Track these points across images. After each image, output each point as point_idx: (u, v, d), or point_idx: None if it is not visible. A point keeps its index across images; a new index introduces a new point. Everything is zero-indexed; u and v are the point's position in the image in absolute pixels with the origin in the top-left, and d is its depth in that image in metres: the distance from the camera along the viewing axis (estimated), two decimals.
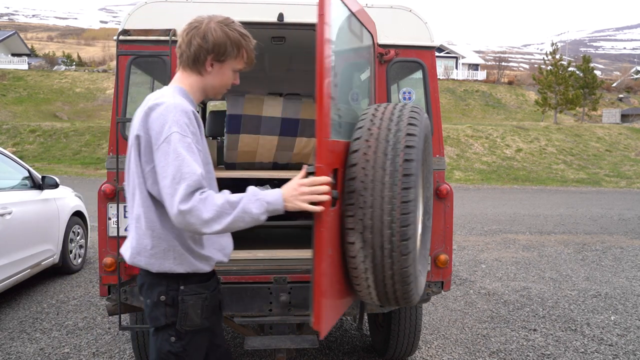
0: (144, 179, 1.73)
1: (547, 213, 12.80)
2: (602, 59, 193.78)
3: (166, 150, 1.63)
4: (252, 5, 2.84)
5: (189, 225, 1.61)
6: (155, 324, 1.84)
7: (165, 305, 1.81)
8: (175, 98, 1.72)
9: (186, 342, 1.83)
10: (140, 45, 2.77)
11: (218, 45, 1.77)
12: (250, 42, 1.83)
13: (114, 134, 2.76)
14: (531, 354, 3.94)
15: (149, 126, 1.68)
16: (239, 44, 1.80)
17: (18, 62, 44.51)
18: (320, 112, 1.70)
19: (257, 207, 1.65)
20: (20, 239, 4.85)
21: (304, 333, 2.94)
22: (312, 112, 3.75)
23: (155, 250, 1.77)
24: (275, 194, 1.68)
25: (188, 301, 1.81)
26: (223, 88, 1.87)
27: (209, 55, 1.78)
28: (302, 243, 3.83)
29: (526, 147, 26.75)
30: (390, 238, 1.87)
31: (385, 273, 1.92)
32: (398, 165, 1.88)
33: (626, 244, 8.75)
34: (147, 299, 1.86)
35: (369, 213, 1.86)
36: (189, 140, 1.66)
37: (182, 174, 1.61)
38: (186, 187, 1.59)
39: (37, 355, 3.78)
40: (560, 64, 35.40)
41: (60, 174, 18.99)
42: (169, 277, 1.80)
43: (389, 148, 1.91)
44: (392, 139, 1.92)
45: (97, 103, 36.64)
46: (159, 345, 1.84)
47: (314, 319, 1.75)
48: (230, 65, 1.82)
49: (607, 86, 53.03)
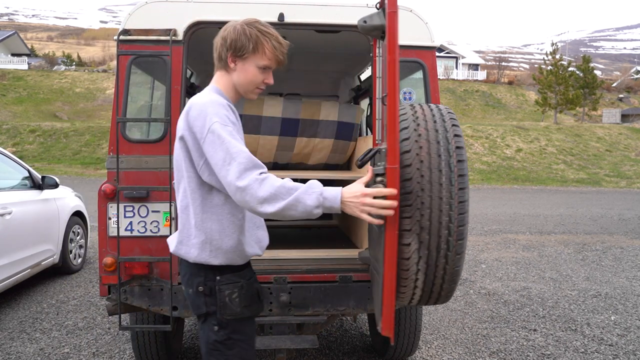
0: (197, 173, 1.83)
1: (547, 213, 12.80)
2: (602, 59, 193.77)
3: (212, 140, 1.73)
4: (252, 5, 2.84)
5: (246, 203, 1.69)
6: (198, 312, 1.93)
7: (205, 296, 1.90)
8: (211, 95, 1.85)
9: (230, 331, 1.91)
10: (140, 45, 2.77)
11: (234, 41, 1.87)
12: (272, 39, 1.88)
13: (114, 133, 2.76)
14: (531, 354, 3.94)
15: (192, 124, 1.79)
16: (257, 40, 1.86)
17: (18, 62, 44.50)
18: (392, 113, 1.70)
19: (312, 200, 1.69)
20: (20, 239, 4.85)
21: (304, 333, 2.94)
22: (312, 112, 3.76)
23: (195, 241, 1.86)
24: (335, 192, 1.72)
25: (225, 290, 1.89)
26: (251, 85, 1.92)
27: (228, 53, 1.88)
28: (302, 243, 3.83)
29: (526, 147, 26.75)
30: (447, 238, 1.90)
31: (437, 273, 1.95)
32: (453, 166, 1.92)
33: (626, 244, 8.75)
34: (188, 289, 1.95)
35: (427, 214, 1.88)
36: (230, 129, 1.76)
37: (231, 154, 1.70)
38: (237, 165, 1.69)
39: (37, 355, 3.78)
40: (560, 64, 35.40)
41: (60, 174, 18.99)
42: (206, 268, 1.89)
43: (441, 149, 1.95)
44: (442, 140, 1.97)
45: (97, 103, 36.63)
46: (206, 336, 1.93)
47: (384, 325, 1.74)
48: (253, 61, 1.88)
49: (607, 86, 53.02)
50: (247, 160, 1.70)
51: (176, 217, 1.97)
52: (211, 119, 1.75)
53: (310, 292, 2.79)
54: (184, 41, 2.78)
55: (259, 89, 1.96)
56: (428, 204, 1.88)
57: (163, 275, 2.78)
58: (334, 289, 2.83)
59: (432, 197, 1.89)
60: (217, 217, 1.85)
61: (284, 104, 3.66)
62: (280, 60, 1.91)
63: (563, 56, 38.53)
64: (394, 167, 1.70)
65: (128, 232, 2.76)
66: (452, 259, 1.93)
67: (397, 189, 1.71)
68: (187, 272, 1.95)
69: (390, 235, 1.71)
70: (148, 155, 2.76)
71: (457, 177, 1.90)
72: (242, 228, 1.91)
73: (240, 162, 1.69)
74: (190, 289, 1.93)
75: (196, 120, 1.78)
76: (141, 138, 2.94)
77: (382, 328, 1.76)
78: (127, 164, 2.76)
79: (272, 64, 1.90)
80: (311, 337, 2.86)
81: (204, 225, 1.85)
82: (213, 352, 1.91)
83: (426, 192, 1.89)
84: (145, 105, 3.62)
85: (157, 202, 2.76)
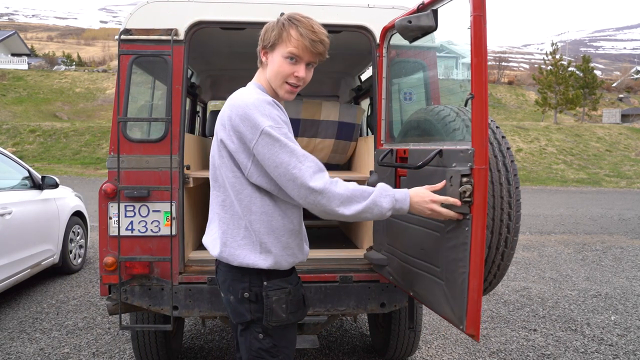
0: (243, 174, 1.75)
1: (547, 213, 12.80)
2: (602, 59, 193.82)
3: (268, 142, 1.66)
4: (253, 5, 2.84)
5: (320, 206, 1.65)
6: (240, 320, 1.84)
7: (250, 302, 1.81)
8: (256, 93, 1.76)
9: (275, 338, 1.83)
10: (141, 45, 2.77)
11: (264, 34, 1.80)
12: (301, 25, 1.74)
13: (115, 133, 2.76)
14: (531, 354, 3.94)
15: (236, 124, 1.70)
16: (282, 27, 1.76)
17: (18, 62, 44.46)
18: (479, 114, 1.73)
19: (387, 203, 1.69)
20: (20, 239, 4.85)
21: (304, 333, 2.94)
22: (313, 112, 3.76)
23: (243, 242, 1.78)
24: (404, 194, 1.73)
25: (272, 296, 1.80)
26: (278, 78, 1.78)
27: (260, 46, 1.82)
28: None
29: (526, 147, 26.75)
30: (505, 236, 1.95)
31: (492, 270, 2.01)
32: (509, 167, 1.97)
33: (626, 244, 8.76)
34: (230, 296, 1.85)
35: (490, 213, 1.92)
36: (285, 130, 1.70)
37: (298, 157, 1.65)
38: (307, 168, 1.64)
39: (37, 355, 3.78)
40: (560, 64, 35.38)
41: (60, 174, 18.99)
42: (251, 273, 1.80)
43: (496, 150, 1.99)
44: (495, 141, 2.02)
45: (97, 103, 36.61)
46: (248, 344, 1.84)
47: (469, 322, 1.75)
48: (279, 51, 1.76)
49: (607, 86, 53.02)
50: (315, 162, 1.66)
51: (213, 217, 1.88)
52: (263, 121, 1.66)
53: (311, 292, 2.79)
54: (185, 41, 2.78)
55: (290, 86, 1.79)
56: (492, 204, 1.93)
57: (163, 275, 2.77)
58: (334, 289, 2.82)
59: (494, 196, 1.94)
60: (267, 218, 1.77)
61: (285, 104, 3.66)
62: (310, 49, 1.73)
63: (563, 56, 38.53)
64: (482, 167, 1.72)
65: (129, 232, 2.76)
66: (507, 255, 2.00)
67: (485, 188, 1.73)
68: (228, 277, 1.85)
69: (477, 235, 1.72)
70: (149, 155, 2.76)
71: (514, 176, 1.97)
72: (292, 232, 1.84)
73: (310, 166, 1.64)
74: (232, 295, 1.83)
75: (244, 121, 1.68)
76: (142, 138, 2.93)
77: (467, 326, 1.76)
78: (127, 163, 2.76)
79: (299, 52, 1.74)
80: (311, 337, 2.86)
81: (253, 227, 1.77)
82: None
83: (489, 192, 1.94)
84: (146, 105, 3.62)
85: (158, 202, 2.76)
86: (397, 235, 2.52)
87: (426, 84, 3.07)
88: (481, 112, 1.73)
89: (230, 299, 1.85)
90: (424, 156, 2.09)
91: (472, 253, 1.73)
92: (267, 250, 1.78)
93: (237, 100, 1.74)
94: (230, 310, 1.87)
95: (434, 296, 2.08)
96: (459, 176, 1.79)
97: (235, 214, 1.78)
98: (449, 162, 1.92)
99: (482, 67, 1.72)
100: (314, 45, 1.73)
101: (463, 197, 1.76)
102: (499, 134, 2.06)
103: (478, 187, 1.72)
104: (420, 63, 3.09)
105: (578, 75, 37.21)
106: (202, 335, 4.21)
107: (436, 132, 2.32)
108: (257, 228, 1.77)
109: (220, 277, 1.90)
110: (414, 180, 2.29)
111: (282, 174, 1.66)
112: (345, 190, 1.65)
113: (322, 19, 2.86)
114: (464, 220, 1.79)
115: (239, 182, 1.76)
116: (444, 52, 50.68)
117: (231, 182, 1.77)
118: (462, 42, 9.38)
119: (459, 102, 2.21)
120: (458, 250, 1.84)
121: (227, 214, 1.80)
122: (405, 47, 2.89)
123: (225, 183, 1.79)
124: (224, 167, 1.78)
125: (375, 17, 2.86)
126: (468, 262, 1.76)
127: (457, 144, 1.98)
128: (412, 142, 2.45)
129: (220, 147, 1.77)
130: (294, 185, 1.65)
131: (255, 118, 1.67)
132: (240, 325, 1.86)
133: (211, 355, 3.80)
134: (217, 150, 1.80)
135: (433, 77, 3.05)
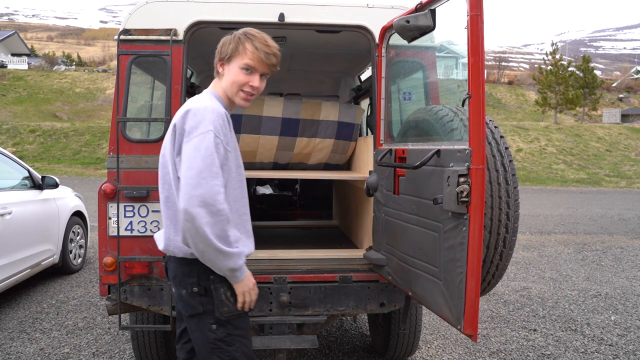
0: (176, 167, 1.86)
1: (547, 213, 12.79)
2: (602, 59, 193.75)
3: (198, 145, 1.75)
4: (252, 5, 2.84)
5: (185, 222, 1.72)
6: (192, 312, 1.92)
7: (200, 296, 1.90)
8: (212, 101, 1.88)
9: (228, 328, 1.92)
10: (141, 45, 2.77)
11: (221, 47, 1.94)
12: (256, 40, 1.89)
13: (114, 133, 2.76)
14: (531, 354, 3.94)
15: (186, 121, 1.81)
16: (238, 41, 1.89)
17: (18, 62, 44.45)
18: (477, 114, 1.74)
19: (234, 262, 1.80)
20: (20, 239, 4.85)
21: (304, 333, 2.94)
22: (312, 112, 3.76)
23: None
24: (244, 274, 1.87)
25: (220, 288, 1.88)
26: (234, 86, 1.92)
27: (217, 58, 1.96)
28: (302, 243, 3.83)
29: (526, 147, 26.74)
30: (504, 235, 1.94)
31: (490, 270, 2.00)
32: (507, 166, 1.96)
33: (626, 244, 8.75)
34: (181, 290, 1.93)
35: (488, 213, 1.91)
36: (219, 141, 1.78)
37: (211, 172, 1.74)
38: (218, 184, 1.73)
39: (37, 355, 3.78)
40: (560, 64, 35.36)
41: (60, 174, 18.98)
42: (198, 268, 1.87)
43: (494, 150, 1.98)
44: (493, 141, 2.01)
45: (97, 103, 36.61)
46: (204, 337, 1.92)
47: (467, 323, 1.75)
48: (235, 62, 1.91)
49: (607, 86, 52.99)
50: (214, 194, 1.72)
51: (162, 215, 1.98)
52: (206, 126, 1.77)
53: (310, 292, 2.79)
54: (184, 41, 2.78)
55: (245, 93, 1.94)
56: (490, 204, 1.92)
57: (163, 275, 2.77)
58: (334, 289, 2.82)
59: (493, 196, 1.93)
60: None
61: (284, 104, 3.66)
62: (264, 61, 1.90)
63: (563, 56, 38.50)
64: (479, 167, 1.71)
65: (128, 232, 2.76)
66: (505, 255, 1.99)
67: (483, 188, 1.73)
68: (178, 273, 1.94)
69: (475, 235, 1.73)
70: (148, 155, 2.76)
71: (512, 176, 1.96)
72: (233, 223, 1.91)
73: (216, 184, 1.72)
74: (184, 289, 1.92)
75: (191, 120, 1.80)
76: (141, 138, 2.93)
77: (465, 326, 1.76)
78: (127, 163, 2.76)
79: (254, 64, 1.89)
80: (311, 337, 2.86)
81: None
82: (215, 351, 1.90)
83: (488, 192, 1.93)
84: (146, 105, 3.62)
85: (158, 202, 2.74)
86: (396, 235, 2.52)
87: (425, 84, 3.07)
88: (478, 112, 1.73)
89: (182, 293, 1.93)
90: (422, 156, 2.09)
91: (470, 253, 1.73)
92: None
93: (194, 103, 1.86)
94: (182, 304, 1.96)
95: (432, 296, 2.08)
96: (456, 176, 1.78)
97: (177, 209, 1.84)
98: (446, 162, 1.92)
99: (479, 66, 1.72)
100: (268, 58, 1.90)
101: (460, 197, 1.76)
102: (497, 133, 2.06)
103: (475, 186, 1.72)
104: (420, 63, 3.08)
105: (578, 75, 37.18)
106: None
107: (435, 132, 2.32)
108: None
109: (171, 274, 1.98)
110: (412, 179, 2.29)
111: (185, 173, 1.75)
112: (221, 231, 1.73)
113: (321, 18, 2.88)
114: (461, 220, 1.79)
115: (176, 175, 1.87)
116: (443, 52, 50.73)
117: (175, 177, 1.87)
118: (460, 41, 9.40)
119: (457, 102, 2.21)
120: (456, 250, 1.84)
121: (170, 210, 1.91)
122: (404, 47, 2.89)
123: (170, 179, 1.89)
124: (170, 163, 1.88)
125: (374, 17, 2.85)
126: (466, 262, 1.75)
127: (455, 143, 1.97)
128: (411, 142, 2.45)
129: (171, 144, 1.87)
130: (188, 189, 1.73)
131: (202, 121, 1.78)
132: (193, 318, 1.93)
133: None
134: (168, 148, 1.89)
135: (432, 77, 3.05)
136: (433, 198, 1.97)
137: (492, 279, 2.07)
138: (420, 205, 2.19)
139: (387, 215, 2.65)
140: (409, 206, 2.33)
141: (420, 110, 2.62)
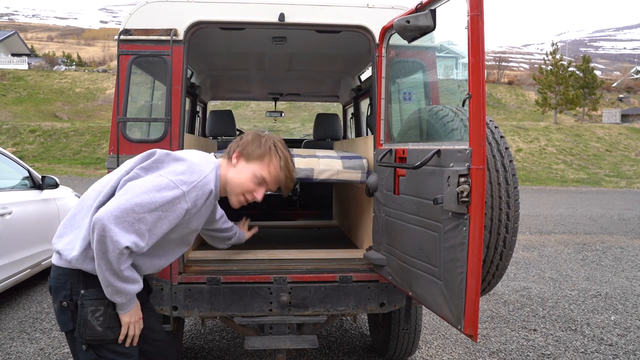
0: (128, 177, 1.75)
1: (547, 213, 12.80)
2: (602, 59, 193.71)
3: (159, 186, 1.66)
4: (252, 5, 2.84)
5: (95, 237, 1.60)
6: (64, 329, 1.77)
7: (70, 311, 1.74)
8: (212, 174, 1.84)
9: (101, 351, 1.74)
10: (141, 45, 2.77)
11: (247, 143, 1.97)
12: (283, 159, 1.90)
13: (114, 133, 2.75)
14: (531, 354, 3.94)
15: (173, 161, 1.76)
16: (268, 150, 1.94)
17: (18, 62, 44.45)
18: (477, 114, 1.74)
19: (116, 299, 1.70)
20: (20, 239, 4.85)
21: (304, 333, 2.94)
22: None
23: (84, 234, 1.74)
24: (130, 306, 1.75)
25: (87, 306, 1.70)
26: (239, 188, 1.93)
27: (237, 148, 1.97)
28: (302, 243, 3.83)
29: (526, 147, 26.74)
30: (504, 235, 1.94)
31: (490, 270, 2.00)
32: (507, 166, 1.97)
33: (626, 244, 8.76)
34: (54, 303, 1.80)
35: (489, 213, 1.92)
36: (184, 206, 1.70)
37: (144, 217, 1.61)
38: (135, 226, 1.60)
39: (37, 355, 3.78)
40: (560, 64, 35.37)
41: (60, 174, 18.98)
42: (74, 279, 1.73)
43: (494, 150, 1.99)
44: (493, 141, 2.01)
45: (97, 103, 36.61)
46: (76, 355, 1.78)
47: (467, 323, 1.75)
48: (253, 167, 1.93)
49: (607, 86, 53.00)
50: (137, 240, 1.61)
51: None
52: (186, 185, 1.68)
53: (310, 292, 2.79)
54: (184, 41, 2.78)
55: (244, 199, 1.90)
56: (490, 204, 1.93)
57: (163, 275, 2.77)
58: (334, 289, 2.82)
59: (493, 197, 1.94)
60: None
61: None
62: (280, 183, 1.88)
63: (563, 56, 38.52)
64: (479, 167, 1.72)
65: None
66: (506, 255, 2.00)
67: (483, 188, 1.73)
68: (53, 283, 1.80)
69: (475, 235, 1.73)
70: None
71: (512, 176, 1.96)
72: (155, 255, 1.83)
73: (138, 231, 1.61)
74: (56, 303, 1.78)
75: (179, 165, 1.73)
76: (141, 138, 2.93)
77: (465, 326, 1.76)
78: None
79: (270, 181, 1.87)
80: (311, 337, 2.86)
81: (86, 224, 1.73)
82: None
83: (488, 192, 1.94)
84: (146, 105, 3.62)
85: None
86: (396, 236, 2.52)
87: (425, 84, 3.07)
88: (479, 112, 1.73)
89: (55, 307, 1.80)
90: (422, 156, 2.09)
91: (470, 253, 1.73)
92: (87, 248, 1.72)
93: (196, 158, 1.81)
94: (56, 319, 1.81)
95: (432, 296, 2.08)
96: (456, 176, 1.78)
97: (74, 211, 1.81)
98: (446, 162, 1.92)
99: (479, 66, 1.73)
100: (285, 181, 1.89)
101: (461, 197, 1.76)
102: (497, 133, 2.06)
103: (476, 187, 1.72)
104: (420, 63, 3.08)
105: (578, 75, 37.19)
106: (202, 335, 4.21)
107: (435, 132, 2.32)
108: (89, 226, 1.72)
109: (49, 283, 1.85)
110: (412, 180, 2.29)
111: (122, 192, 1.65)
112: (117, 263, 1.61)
113: (321, 19, 2.88)
114: (461, 220, 1.79)
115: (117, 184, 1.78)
116: (443, 52, 50.68)
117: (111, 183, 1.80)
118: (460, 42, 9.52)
119: (458, 102, 2.22)
120: (456, 250, 1.84)
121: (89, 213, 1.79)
122: (404, 47, 2.89)
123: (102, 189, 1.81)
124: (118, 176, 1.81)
125: (374, 17, 2.85)
126: (466, 262, 1.76)
127: (455, 143, 1.97)
128: (411, 142, 2.45)
129: None
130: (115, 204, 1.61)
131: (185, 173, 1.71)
132: (67, 335, 1.79)
133: (211, 356, 3.80)
134: None
135: (432, 77, 3.05)
136: (433, 198, 1.97)
137: (492, 279, 2.07)
138: (421, 205, 2.19)
139: (387, 215, 2.65)
140: (409, 206, 2.33)
141: (421, 110, 2.62)
